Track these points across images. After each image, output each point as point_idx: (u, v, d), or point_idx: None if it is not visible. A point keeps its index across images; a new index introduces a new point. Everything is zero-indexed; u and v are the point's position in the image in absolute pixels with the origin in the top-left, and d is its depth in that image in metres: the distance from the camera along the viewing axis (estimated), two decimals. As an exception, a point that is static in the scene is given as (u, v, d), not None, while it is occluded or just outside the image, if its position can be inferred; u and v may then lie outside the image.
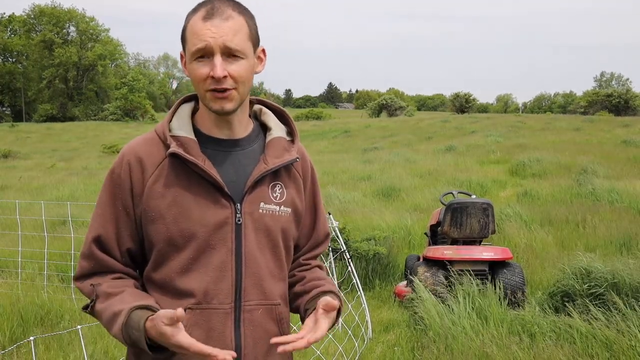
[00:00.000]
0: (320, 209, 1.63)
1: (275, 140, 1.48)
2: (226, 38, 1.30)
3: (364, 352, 4.29)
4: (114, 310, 1.31)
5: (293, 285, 1.56)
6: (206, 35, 1.30)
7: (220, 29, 1.30)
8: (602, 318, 3.89)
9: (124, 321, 1.27)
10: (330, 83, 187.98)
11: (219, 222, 1.38)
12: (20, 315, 4.47)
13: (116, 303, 1.32)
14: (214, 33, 1.30)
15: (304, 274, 1.58)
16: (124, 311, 1.28)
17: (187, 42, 1.34)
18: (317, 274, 1.58)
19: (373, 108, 61.69)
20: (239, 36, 1.32)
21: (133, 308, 1.28)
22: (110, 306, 1.33)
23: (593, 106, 51.07)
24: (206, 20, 1.31)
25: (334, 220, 5.03)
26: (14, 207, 8.99)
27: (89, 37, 78.46)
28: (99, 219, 1.41)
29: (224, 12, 1.31)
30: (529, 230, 7.38)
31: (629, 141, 19.10)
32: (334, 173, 14.60)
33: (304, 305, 1.50)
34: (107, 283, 1.39)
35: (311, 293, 1.50)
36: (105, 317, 1.34)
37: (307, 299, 1.50)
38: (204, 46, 1.30)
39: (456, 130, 28.68)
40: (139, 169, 1.38)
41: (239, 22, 1.33)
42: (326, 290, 1.49)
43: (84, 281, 1.42)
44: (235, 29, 1.31)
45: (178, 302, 1.36)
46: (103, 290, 1.37)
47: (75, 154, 26.09)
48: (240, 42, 1.32)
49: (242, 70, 1.33)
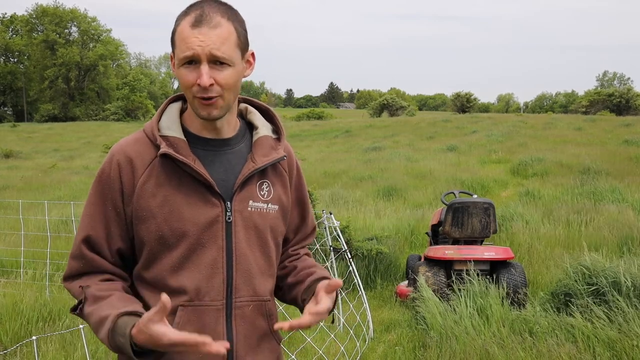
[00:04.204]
0: (307, 202, 1.66)
1: (262, 139, 1.50)
2: (213, 47, 1.31)
3: (366, 351, 4.30)
4: (101, 315, 1.31)
5: (286, 277, 1.60)
6: (194, 43, 1.30)
7: (208, 37, 1.31)
8: (604, 317, 3.89)
9: (110, 327, 1.27)
10: (332, 83, 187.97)
11: (209, 221, 1.39)
12: (22, 315, 4.47)
13: (104, 307, 1.32)
14: (202, 42, 1.30)
15: (295, 264, 1.62)
16: (111, 317, 1.28)
17: (176, 47, 1.35)
18: (307, 262, 1.63)
19: (374, 108, 61.64)
20: (227, 44, 1.33)
21: (120, 314, 1.28)
22: (98, 310, 1.33)
23: (594, 106, 50.98)
24: (194, 27, 1.31)
25: (334, 219, 5.03)
26: (16, 207, 9.01)
27: (90, 37, 78.49)
28: (88, 219, 1.42)
29: (212, 19, 1.32)
30: (530, 230, 7.37)
31: (630, 141, 19.07)
32: (335, 173, 14.60)
33: (301, 296, 1.53)
34: (96, 285, 1.39)
35: (306, 282, 1.53)
36: (93, 320, 1.34)
37: (303, 288, 1.53)
38: (192, 54, 1.31)
39: (457, 129, 28.66)
40: (129, 169, 1.39)
41: (227, 30, 1.34)
42: (320, 277, 1.52)
43: (72, 281, 1.43)
44: (223, 37, 1.32)
45: (170, 300, 1.37)
46: (91, 292, 1.37)
47: (77, 154, 26.11)
48: (227, 50, 1.33)
49: (229, 77, 1.35)
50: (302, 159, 17.11)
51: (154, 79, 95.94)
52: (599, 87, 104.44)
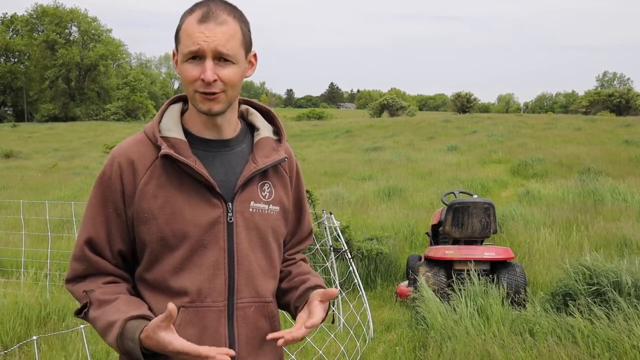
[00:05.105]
0: (305, 205, 1.67)
1: (263, 140, 1.50)
2: (219, 43, 1.32)
3: (366, 351, 4.30)
4: (108, 320, 1.32)
5: (280, 282, 1.59)
6: (199, 38, 1.31)
7: (214, 33, 1.31)
8: (604, 317, 3.89)
9: (119, 332, 1.28)
10: (332, 83, 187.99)
11: (211, 222, 1.40)
12: (23, 315, 4.47)
13: (111, 312, 1.33)
14: (207, 37, 1.31)
15: (290, 269, 1.62)
16: (119, 322, 1.29)
17: (181, 43, 1.35)
18: (302, 269, 1.62)
19: (374, 108, 61.69)
20: (232, 42, 1.34)
21: (128, 319, 1.29)
22: (104, 315, 1.33)
23: (594, 106, 50.98)
24: (201, 23, 1.32)
25: (335, 220, 5.03)
26: (16, 207, 9.01)
27: (90, 37, 78.48)
28: (90, 221, 1.42)
29: (219, 16, 1.33)
30: (530, 230, 7.37)
31: (630, 141, 19.08)
32: (335, 173, 14.60)
33: (294, 303, 1.54)
34: (100, 289, 1.39)
35: (299, 290, 1.53)
36: (100, 325, 1.34)
37: (296, 296, 1.53)
38: (197, 49, 1.32)
39: (458, 130, 28.67)
40: (130, 171, 1.39)
41: (233, 28, 1.34)
42: (313, 286, 1.52)
43: (76, 284, 1.43)
44: (228, 35, 1.33)
45: (172, 301, 1.36)
46: (96, 297, 1.37)
47: (77, 154, 26.10)
48: (232, 48, 1.34)
49: (232, 75, 1.35)
50: (302, 159, 17.11)
51: (154, 79, 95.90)
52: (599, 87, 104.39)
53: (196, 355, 1.23)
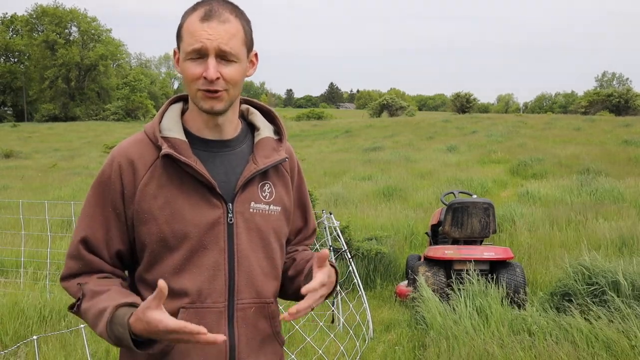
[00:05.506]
0: (308, 204, 1.66)
1: (264, 140, 1.50)
2: (222, 41, 1.32)
3: (365, 351, 4.30)
4: (99, 308, 1.30)
5: (286, 272, 1.58)
6: (202, 36, 1.31)
7: (217, 31, 1.32)
8: (603, 317, 3.90)
9: (109, 318, 1.26)
10: (332, 83, 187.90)
11: (211, 222, 1.39)
12: (23, 315, 4.48)
13: (102, 300, 1.31)
14: (210, 35, 1.31)
15: (293, 256, 1.61)
16: (110, 308, 1.27)
17: (183, 41, 1.35)
18: (305, 254, 1.60)
19: (374, 108, 61.63)
20: (234, 40, 1.34)
21: (118, 305, 1.27)
22: (97, 304, 1.32)
23: (594, 106, 50.95)
24: (204, 21, 1.32)
25: (334, 219, 5.04)
26: (16, 207, 9.02)
27: (90, 37, 78.47)
28: (86, 220, 1.42)
29: (221, 14, 1.33)
30: (530, 230, 7.38)
31: (630, 141, 19.09)
32: (335, 173, 14.61)
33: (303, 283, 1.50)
34: (94, 282, 1.38)
35: (305, 270, 1.51)
36: (91, 315, 1.32)
37: (303, 277, 1.51)
38: (200, 47, 1.32)
39: (457, 130, 28.67)
40: (130, 171, 1.39)
41: (236, 27, 1.35)
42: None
43: (70, 281, 1.42)
44: (231, 33, 1.33)
45: (172, 302, 1.36)
46: (90, 288, 1.36)
47: (77, 154, 26.09)
48: (234, 46, 1.34)
49: (234, 73, 1.35)
50: (302, 159, 17.11)
51: (154, 79, 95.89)
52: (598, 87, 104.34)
53: (188, 332, 1.17)
